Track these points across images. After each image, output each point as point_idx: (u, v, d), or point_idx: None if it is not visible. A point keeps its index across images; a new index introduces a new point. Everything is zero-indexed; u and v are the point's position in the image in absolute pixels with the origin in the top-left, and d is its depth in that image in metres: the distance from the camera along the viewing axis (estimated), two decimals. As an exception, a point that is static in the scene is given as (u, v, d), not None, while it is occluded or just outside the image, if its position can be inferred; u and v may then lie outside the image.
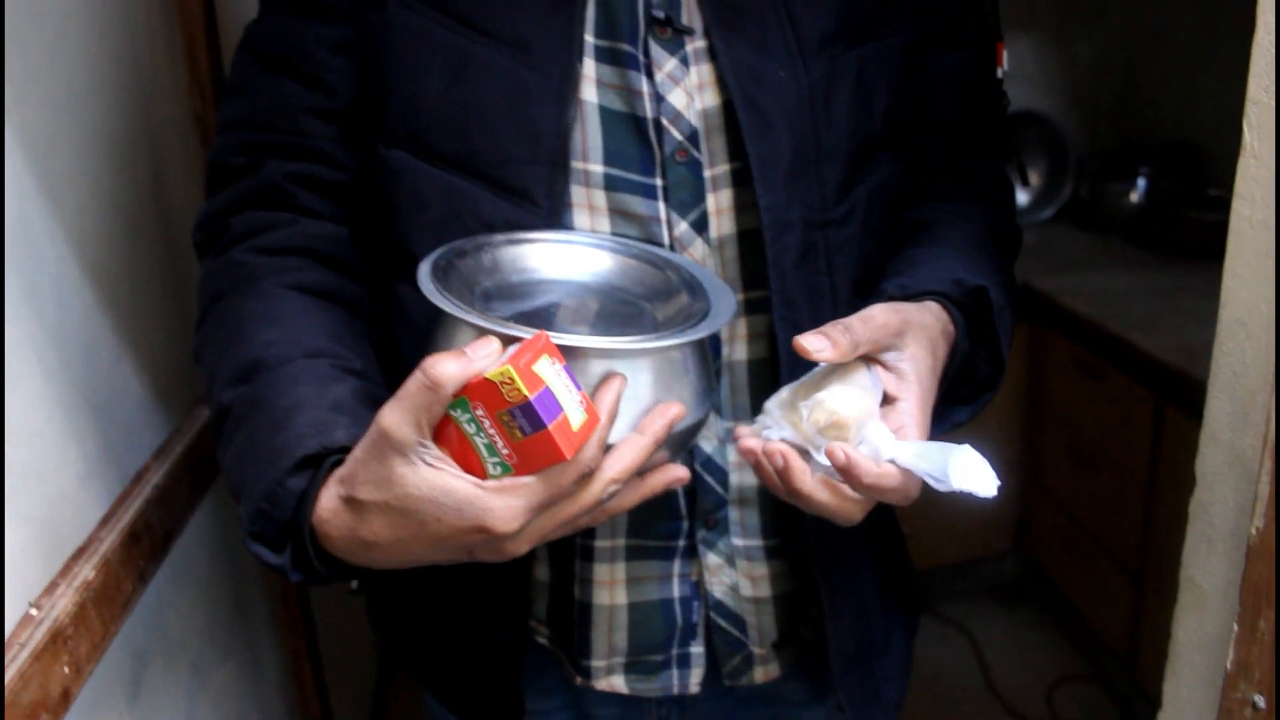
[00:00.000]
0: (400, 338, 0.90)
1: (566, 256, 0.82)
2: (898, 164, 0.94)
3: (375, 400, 0.76)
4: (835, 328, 0.73)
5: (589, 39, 0.84)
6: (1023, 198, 2.99)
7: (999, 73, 1.11)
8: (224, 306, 0.85)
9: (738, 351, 0.90)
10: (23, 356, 0.89)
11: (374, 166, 0.88)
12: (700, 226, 0.86)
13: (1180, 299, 2.31)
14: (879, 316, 0.76)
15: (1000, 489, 0.68)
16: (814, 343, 0.72)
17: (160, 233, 1.21)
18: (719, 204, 0.86)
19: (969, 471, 0.68)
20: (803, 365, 0.76)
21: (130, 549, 0.96)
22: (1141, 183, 2.76)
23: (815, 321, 0.76)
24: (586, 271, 0.82)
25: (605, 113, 0.84)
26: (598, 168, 0.84)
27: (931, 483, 0.69)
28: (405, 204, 0.86)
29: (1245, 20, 0.67)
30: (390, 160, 0.86)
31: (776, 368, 0.86)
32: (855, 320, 0.75)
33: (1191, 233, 2.56)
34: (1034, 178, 3.00)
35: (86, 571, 0.88)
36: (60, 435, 0.95)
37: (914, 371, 0.76)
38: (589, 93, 0.84)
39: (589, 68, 0.84)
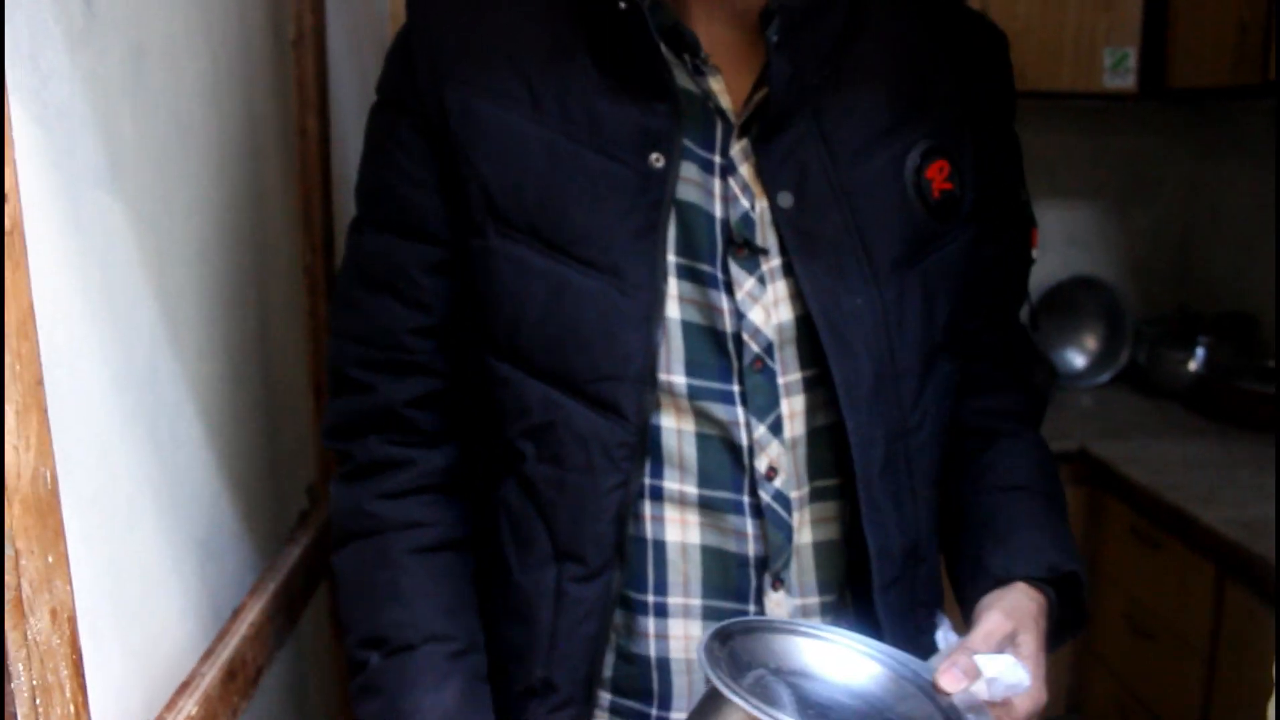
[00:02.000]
0: (500, 529, 0.97)
1: (830, 657, 0.85)
2: (954, 360, 1.00)
3: (478, 676, 0.96)
4: (962, 661, 0.82)
5: (671, 258, 0.90)
6: (1080, 361, 3.02)
7: (1033, 254, 1.18)
8: (357, 557, 0.99)
9: (804, 535, 0.95)
10: (143, 495, 0.95)
11: (483, 373, 0.95)
12: (776, 429, 0.92)
13: (1239, 472, 2.31)
14: (993, 630, 0.88)
15: (1054, 653, 0.90)
16: (952, 684, 0.81)
17: (261, 375, 1.27)
18: (792, 408, 0.92)
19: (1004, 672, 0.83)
20: (888, 560, 0.92)
21: (228, 685, 0.99)
22: (1200, 352, 2.79)
23: (899, 519, 0.92)
24: (848, 676, 0.84)
25: (688, 327, 0.90)
26: (680, 379, 0.90)
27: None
28: (510, 409, 0.93)
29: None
30: (499, 370, 0.93)
31: (844, 551, 0.96)
32: (975, 644, 0.86)
33: (1249, 405, 2.57)
34: (1091, 341, 3.04)
35: (190, 707, 0.91)
36: (166, 571, 1.00)
37: (1026, 652, 0.88)
38: (672, 309, 0.90)
39: (672, 286, 0.90)
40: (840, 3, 0.93)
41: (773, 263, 0.91)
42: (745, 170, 0.92)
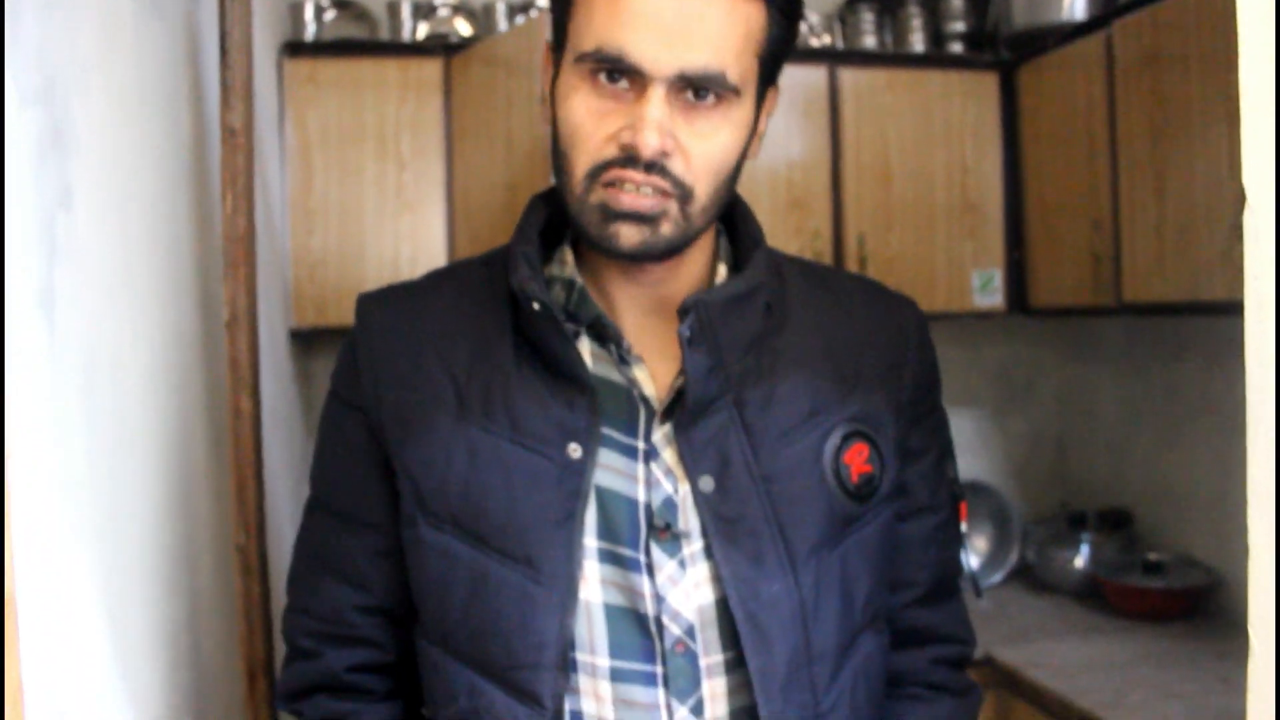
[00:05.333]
0: None
1: None
2: (878, 634, 1.01)
3: None
4: None
5: (591, 543, 0.93)
6: (974, 562, 3.11)
7: (963, 528, 1.19)
8: None
9: None
10: None
11: (418, 655, 1.00)
12: (698, 711, 0.93)
13: (1141, 670, 2.38)
14: None
15: None
16: None
17: (191, 660, 1.24)
18: (713, 690, 0.93)
19: None
20: None
21: None
22: (1085, 549, 2.90)
23: None
24: None
25: (610, 609, 0.93)
26: (604, 661, 0.93)
27: None
28: (439, 694, 0.97)
29: (1164, 399, 0.76)
30: (430, 655, 0.98)
31: None
32: None
33: (1139, 600, 2.67)
34: (982, 543, 3.14)
35: None
36: None
37: None
38: (594, 593, 0.93)
39: (592, 570, 0.93)
40: (758, 298, 0.97)
41: (694, 546, 0.94)
42: (668, 455, 0.95)
